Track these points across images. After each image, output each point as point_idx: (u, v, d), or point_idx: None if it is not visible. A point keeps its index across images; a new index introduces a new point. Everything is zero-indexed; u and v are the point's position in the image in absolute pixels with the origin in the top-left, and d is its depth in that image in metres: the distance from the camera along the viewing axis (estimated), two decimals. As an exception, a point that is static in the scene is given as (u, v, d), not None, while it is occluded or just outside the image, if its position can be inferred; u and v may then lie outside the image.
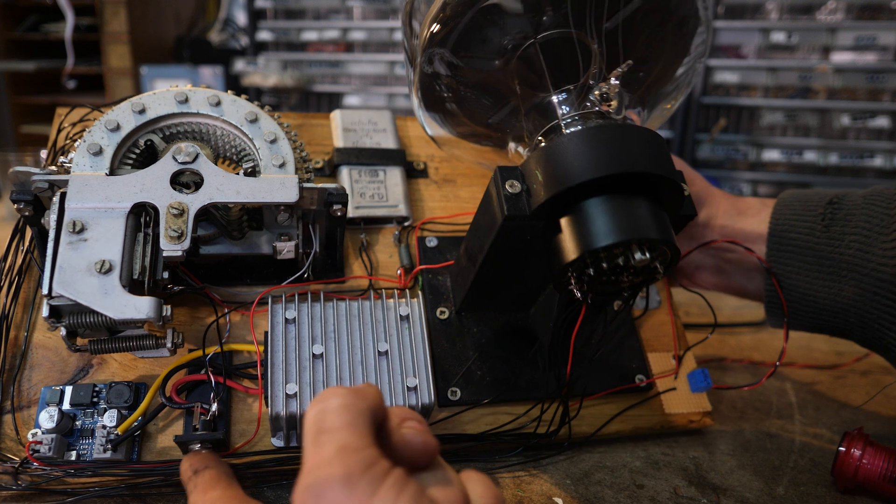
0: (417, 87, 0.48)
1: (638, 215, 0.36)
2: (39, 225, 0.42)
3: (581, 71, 0.42)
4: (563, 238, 0.37)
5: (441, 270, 0.52)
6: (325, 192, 0.45)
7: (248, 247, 0.46)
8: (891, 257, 0.46)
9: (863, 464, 0.44)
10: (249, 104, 0.46)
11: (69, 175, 0.40)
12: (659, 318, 0.56)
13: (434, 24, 0.44)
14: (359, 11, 2.15)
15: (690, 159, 1.93)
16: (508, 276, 0.46)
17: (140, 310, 0.37)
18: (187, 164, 0.41)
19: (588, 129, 0.37)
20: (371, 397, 0.27)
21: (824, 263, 0.51)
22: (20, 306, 0.45)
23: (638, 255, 0.35)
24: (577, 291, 0.38)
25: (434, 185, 0.58)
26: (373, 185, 0.54)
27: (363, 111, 0.59)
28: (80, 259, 0.37)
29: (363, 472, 0.23)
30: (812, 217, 0.52)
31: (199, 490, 0.35)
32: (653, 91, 0.48)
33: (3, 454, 0.39)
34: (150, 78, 2.27)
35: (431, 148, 0.60)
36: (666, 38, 0.47)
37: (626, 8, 0.42)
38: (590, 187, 0.36)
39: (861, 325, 0.50)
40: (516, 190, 0.38)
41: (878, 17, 1.75)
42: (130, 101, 0.44)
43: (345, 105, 2.19)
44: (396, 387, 0.41)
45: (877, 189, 0.50)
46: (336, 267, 0.51)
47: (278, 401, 0.39)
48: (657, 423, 0.51)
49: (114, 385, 0.42)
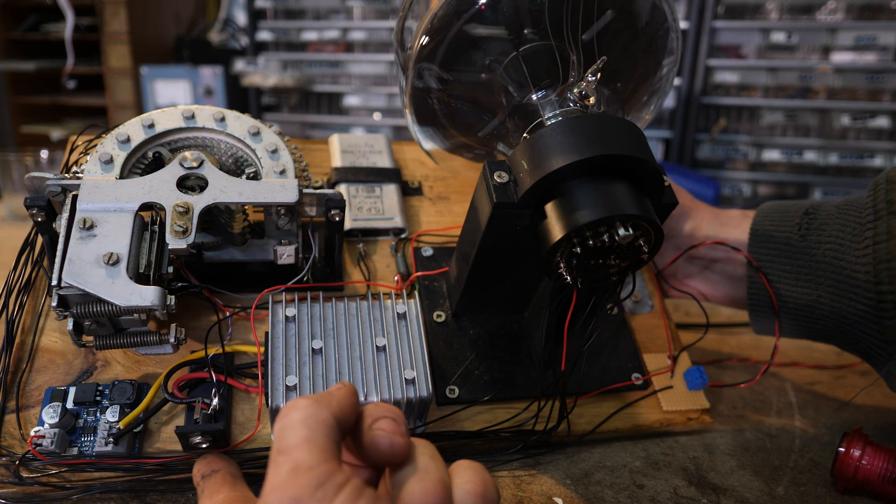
0: (410, 102, 0.51)
1: (620, 194, 0.38)
2: (51, 232, 0.44)
3: (562, 77, 0.45)
4: (549, 222, 0.39)
5: (437, 277, 0.54)
6: (323, 197, 0.47)
7: (250, 253, 0.48)
8: (863, 263, 0.48)
9: (862, 464, 0.44)
10: (252, 120, 0.49)
11: (81, 179, 0.42)
12: (652, 322, 0.57)
13: (423, 36, 0.47)
14: (359, 11, 2.15)
15: (690, 159, 1.93)
16: (501, 271, 0.47)
17: (145, 297, 0.38)
18: (193, 169, 0.44)
19: (569, 118, 0.40)
20: (336, 402, 0.27)
21: (802, 271, 0.53)
22: (28, 314, 0.46)
23: (622, 231, 0.37)
24: (567, 275, 0.39)
25: (429, 202, 0.60)
26: (370, 199, 0.57)
27: (360, 135, 0.63)
28: (88, 252, 0.39)
29: (312, 493, 0.24)
30: (789, 227, 0.54)
31: (206, 494, 0.36)
32: (630, 102, 0.51)
33: (6, 450, 0.40)
34: (150, 78, 2.27)
35: (426, 169, 0.63)
36: (638, 51, 0.50)
37: (598, 21, 0.45)
38: (572, 172, 0.38)
39: (840, 330, 0.52)
40: (504, 180, 0.40)
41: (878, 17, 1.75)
42: (140, 117, 0.47)
43: (345, 105, 2.20)
44: (395, 380, 0.42)
45: (850, 198, 0.52)
46: (335, 274, 0.52)
47: (278, 393, 0.40)
48: (656, 421, 0.51)
49: (117, 383, 0.43)
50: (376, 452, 0.28)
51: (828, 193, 1.86)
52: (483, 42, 0.47)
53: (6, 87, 2.54)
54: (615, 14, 0.46)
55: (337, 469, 0.25)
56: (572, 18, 0.45)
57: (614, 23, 0.47)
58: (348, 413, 0.28)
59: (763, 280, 0.55)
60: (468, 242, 0.45)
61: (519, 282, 0.49)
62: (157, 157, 0.47)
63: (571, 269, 0.39)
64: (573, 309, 0.42)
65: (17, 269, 0.47)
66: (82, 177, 0.43)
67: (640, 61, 0.51)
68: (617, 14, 0.46)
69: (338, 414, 0.27)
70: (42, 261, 0.48)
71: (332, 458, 0.25)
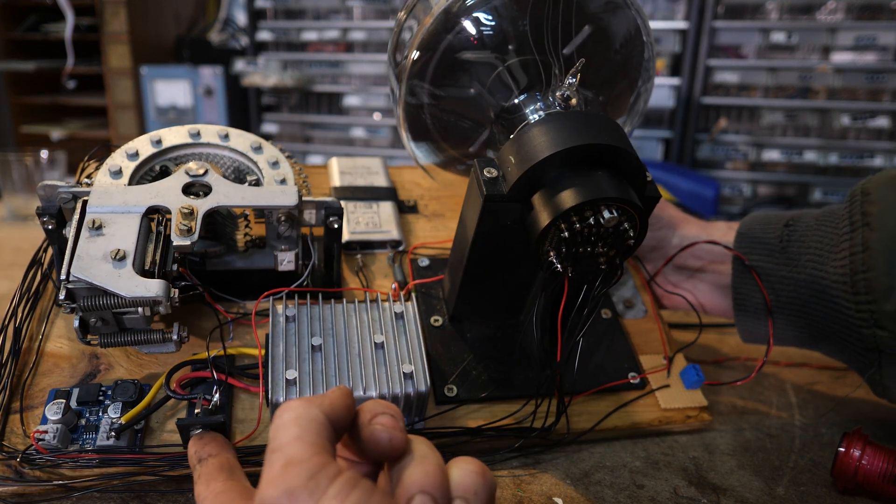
0: (404, 119, 0.53)
1: (601, 180, 0.39)
2: (60, 241, 0.45)
3: (545, 82, 0.48)
4: (536, 211, 0.40)
5: (433, 284, 0.55)
6: (322, 204, 0.49)
7: (251, 262, 0.50)
8: (841, 275, 0.48)
9: (862, 464, 0.44)
10: (255, 136, 0.52)
11: (91, 187, 0.45)
12: (646, 326, 0.58)
13: (415, 52, 0.50)
14: (359, 11, 2.15)
15: (690, 159, 1.93)
16: (495, 270, 0.48)
17: (150, 289, 0.39)
18: (198, 176, 0.46)
19: (551, 114, 0.43)
20: (328, 402, 0.28)
21: (784, 281, 0.53)
22: (35, 320, 0.48)
23: (606, 213, 0.38)
24: (557, 263, 0.40)
25: (424, 219, 0.62)
26: (367, 214, 0.59)
27: (358, 158, 0.66)
28: (97, 249, 0.41)
29: (305, 484, 0.24)
30: (771, 239, 0.55)
31: (202, 481, 0.35)
32: (611, 114, 0.54)
33: (9, 447, 0.40)
34: (150, 78, 2.27)
35: (421, 189, 0.65)
36: (616, 66, 0.53)
37: (577, 36, 0.48)
38: (556, 162, 0.39)
39: (826, 340, 0.53)
40: (493, 175, 0.42)
41: (878, 17, 1.75)
42: (148, 134, 0.50)
43: (345, 105, 2.20)
44: (393, 375, 0.42)
45: (828, 209, 0.53)
46: (333, 282, 0.53)
47: (278, 387, 0.40)
48: (655, 419, 0.51)
49: (120, 382, 0.44)
50: (376, 447, 0.28)
51: (828, 193, 1.87)
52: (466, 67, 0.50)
53: (6, 87, 2.54)
54: (592, 29, 0.49)
55: (329, 461, 0.26)
56: (552, 34, 0.48)
57: (592, 38, 0.49)
58: (341, 412, 0.29)
59: (755, 276, 0.55)
60: (461, 243, 0.47)
61: (513, 282, 0.50)
62: (163, 170, 0.49)
63: (561, 256, 0.40)
64: (565, 299, 0.43)
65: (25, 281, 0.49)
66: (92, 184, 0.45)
67: (619, 75, 0.53)
68: (594, 30, 0.49)
69: (329, 413, 0.28)
70: (51, 273, 0.50)
71: (323, 452, 0.26)
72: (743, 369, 0.65)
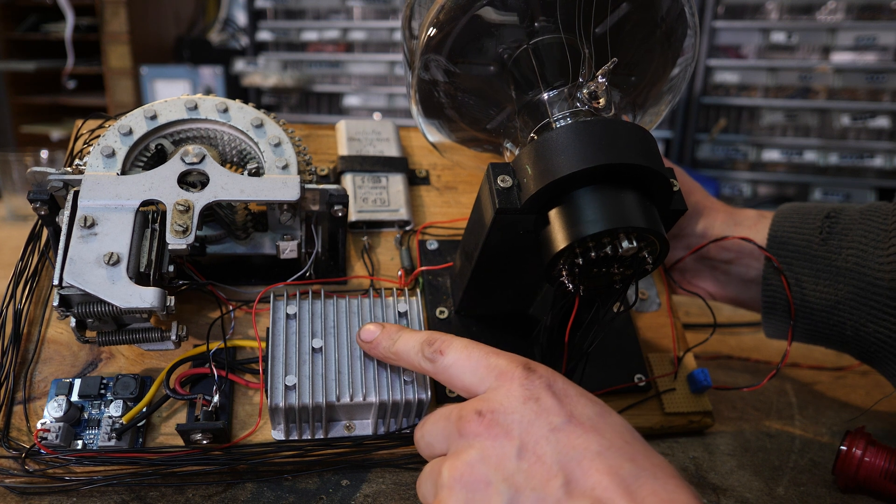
0: (416, 94, 0.50)
1: (625, 205, 0.36)
2: (55, 224, 0.44)
3: (572, 73, 0.43)
4: (552, 229, 0.38)
5: (441, 272, 0.53)
6: (326, 193, 0.46)
7: (252, 247, 0.48)
8: (888, 271, 0.48)
9: (864, 462, 0.44)
10: (256, 111, 0.48)
11: (82, 175, 0.42)
12: (659, 321, 0.57)
13: (431, 27, 0.46)
14: (359, 11, 2.15)
15: (690, 159, 1.93)
16: (504, 273, 0.46)
17: (145, 299, 0.38)
18: (194, 164, 0.43)
19: (576, 123, 0.38)
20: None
21: (822, 274, 0.52)
22: (35, 304, 0.46)
23: (625, 243, 0.36)
24: (569, 283, 0.38)
25: (436, 192, 0.59)
26: (375, 190, 0.56)
27: (367, 121, 0.61)
28: (89, 251, 0.39)
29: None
30: (810, 230, 0.53)
31: (441, 347, 0.36)
32: (644, 95, 0.50)
33: (13, 442, 0.40)
34: (150, 78, 2.27)
35: (434, 157, 0.61)
36: (655, 44, 0.48)
37: (612, 14, 0.44)
38: (578, 179, 0.37)
39: (856, 337, 0.51)
40: (507, 184, 0.39)
41: (878, 17, 1.75)
42: (143, 108, 0.46)
43: (345, 105, 2.20)
44: (394, 381, 0.42)
45: (874, 205, 0.52)
46: (338, 268, 0.52)
47: (278, 392, 0.40)
48: (657, 423, 0.51)
49: (120, 377, 0.43)
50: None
51: (828, 193, 1.87)
52: (492, 32, 0.45)
53: (6, 87, 2.54)
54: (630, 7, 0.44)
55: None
56: (585, 11, 0.43)
57: (630, 15, 0.45)
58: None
59: (784, 283, 0.54)
60: (471, 242, 0.45)
61: (522, 283, 0.49)
62: (159, 150, 0.46)
63: (573, 277, 0.38)
64: (575, 316, 0.41)
65: (23, 259, 0.47)
66: (84, 170, 0.43)
67: (657, 55, 0.49)
68: (633, 7, 0.45)
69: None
70: (48, 252, 0.48)
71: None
72: (744, 369, 0.65)
